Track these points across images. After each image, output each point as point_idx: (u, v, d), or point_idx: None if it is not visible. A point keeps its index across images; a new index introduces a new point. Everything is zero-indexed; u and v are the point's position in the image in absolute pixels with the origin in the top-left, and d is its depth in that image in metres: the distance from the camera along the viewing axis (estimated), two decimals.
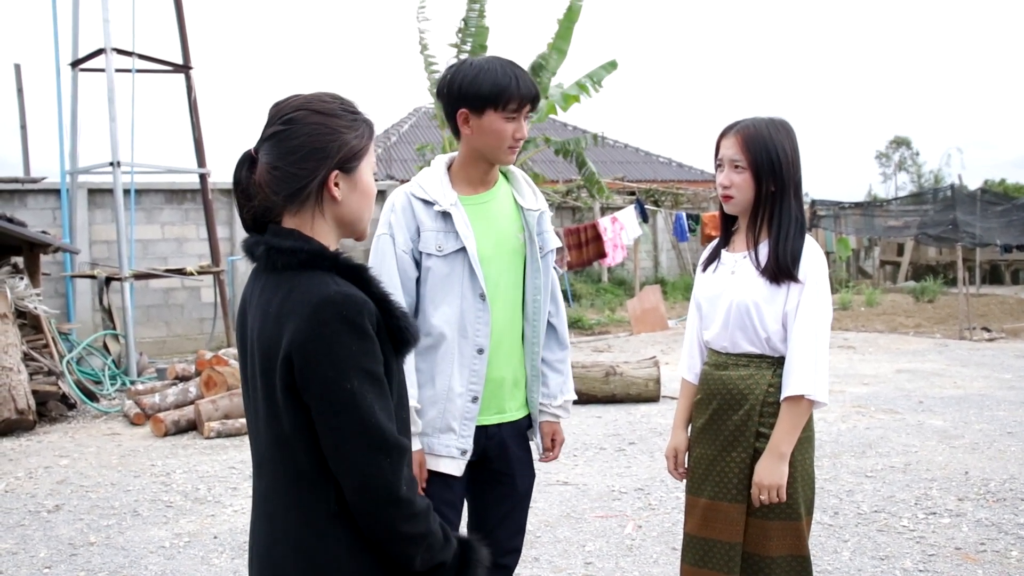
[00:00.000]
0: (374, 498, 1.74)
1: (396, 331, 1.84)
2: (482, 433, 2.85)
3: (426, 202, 2.79)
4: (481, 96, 2.70)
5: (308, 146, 1.84)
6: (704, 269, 2.98)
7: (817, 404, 2.70)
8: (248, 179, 1.89)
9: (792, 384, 2.68)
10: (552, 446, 3.07)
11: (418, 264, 2.79)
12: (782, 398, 2.71)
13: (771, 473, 2.68)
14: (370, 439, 1.72)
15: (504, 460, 2.92)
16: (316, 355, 1.72)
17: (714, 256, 2.96)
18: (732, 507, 2.78)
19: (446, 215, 2.77)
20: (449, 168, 2.89)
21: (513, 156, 2.82)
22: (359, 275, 1.84)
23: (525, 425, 2.99)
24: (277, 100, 1.93)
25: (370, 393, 1.73)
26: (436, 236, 2.76)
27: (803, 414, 2.69)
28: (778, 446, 2.68)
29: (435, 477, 2.78)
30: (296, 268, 1.81)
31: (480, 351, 2.79)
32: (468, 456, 2.81)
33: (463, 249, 2.76)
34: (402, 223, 2.78)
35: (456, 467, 2.80)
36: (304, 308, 1.74)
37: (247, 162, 1.90)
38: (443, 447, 2.78)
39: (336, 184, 1.87)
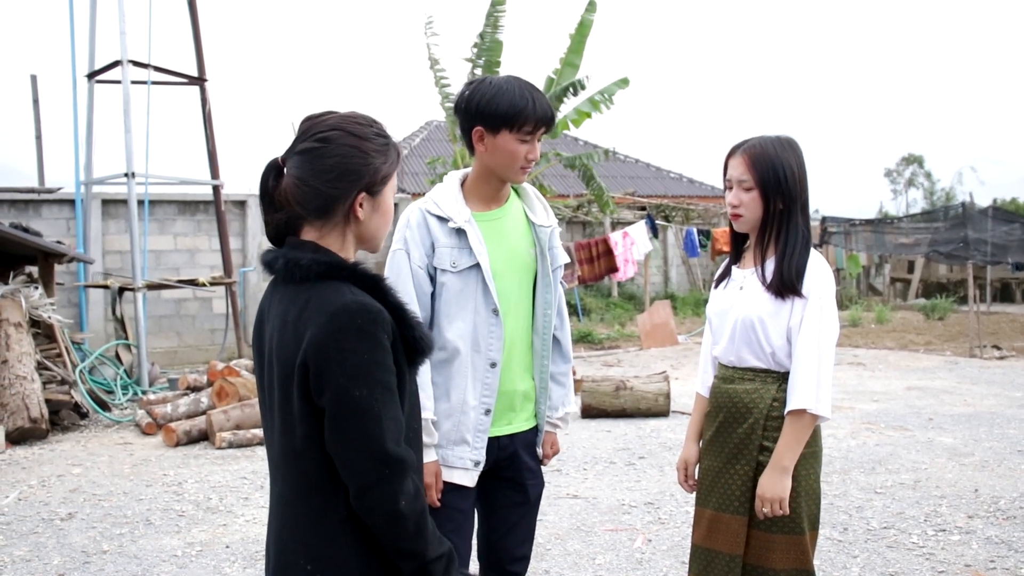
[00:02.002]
0: (370, 507, 1.78)
1: (411, 340, 1.89)
2: (494, 444, 2.89)
3: (441, 218, 2.83)
4: (497, 116, 2.75)
5: (341, 167, 1.88)
6: (716, 285, 3.03)
7: (820, 419, 2.73)
8: (275, 188, 1.93)
9: (794, 399, 2.71)
10: (550, 453, 3.12)
11: (432, 279, 2.83)
12: (785, 412, 2.74)
13: (773, 486, 2.71)
14: (371, 449, 1.76)
15: (515, 469, 2.97)
16: (328, 361, 1.77)
17: (726, 272, 3.00)
18: (734, 519, 2.81)
19: (460, 231, 2.81)
20: (463, 184, 2.94)
21: (524, 176, 2.88)
22: (376, 285, 1.89)
23: (534, 435, 3.04)
24: (311, 114, 1.98)
25: (378, 402, 1.77)
26: (451, 252, 2.81)
27: (805, 428, 2.71)
28: (780, 460, 2.71)
29: (450, 488, 2.83)
30: (314, 279, 1.85)
31: (493, 365, 2.84)
32: (481, 467, 2.86)
33: (477, 265, 2.81)
34: (417, 239, 2.82)
35: (469, 478, 2.85)
36: (320, 316, 1.79)
37: (274, 171, 1.94)
38: (457, 459, 2.83)
39: (361, 205, 1.92)
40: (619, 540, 5.25)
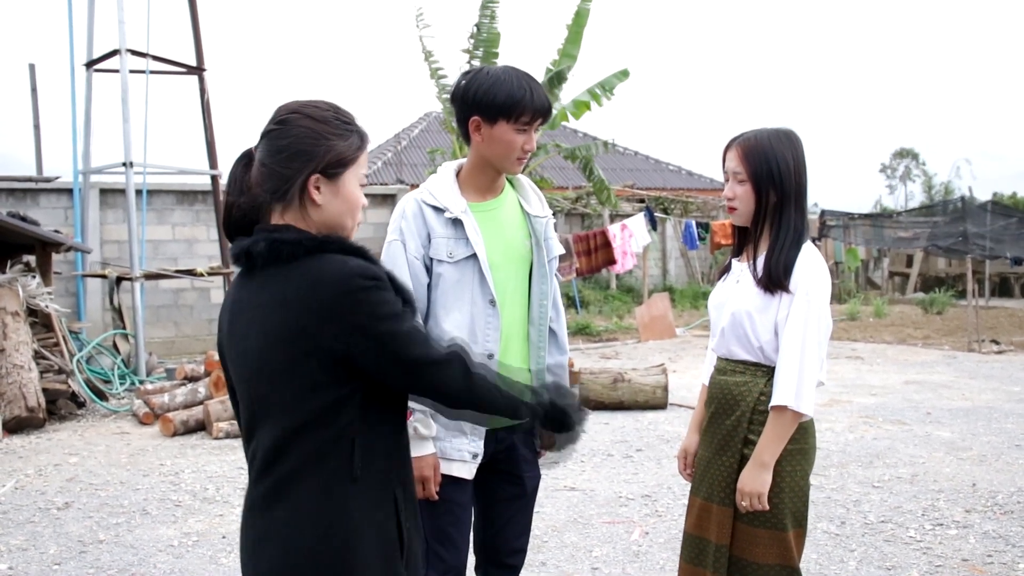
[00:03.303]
0: (461, 401, 1.97)
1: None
2: (491, 437, 2.88)
3: (437, 209, 2.82)
4: (495, 106, 2.74)
5: (294, 147, 1.92)
6: (719, 278, 3.03)
7: (803, 416, 2.72)
8: (244, 175, 1.98)
9: (776, 394, 2.70)
10: (546, 446, 3.10)
11: (429, 270, 2.82)
12: (769, 407, 2.73)
13: (752, 480, 2.71)
14: (433, 364, 1.90)
15: (513, 461, 2.96)
16: (359, 316, 1.84)
17: (728, 265, 3.00)
18: (721, 510, 2.82)
19: (457, 222, 2.80)
20: (458, 175, 2.93)
21: (520, 166, 2.87)
22: (363, 256, 1.93)
23: (530, 427, 3.02)
24: (282, 103, 2.01)
25: (407, 323, 1.88)
26: (447, 242, 2.80)
27: (787, 425, 2.70)
28: (760, 455, 2.71)
29: (448, 481, 2.82)
30: (303, 256, 1.88)
31: (490, 356, 2.82)
32: (479, 459, 2.85)
33: (474, 255, 2.80)
34: (413, 229, 2.81)
35: (468, 470, 2.84)
36: (331, 283, 1.84)
37: (245, 159, 2.00)
38: (455, 451, 2.82)
39: (317, 188, 1.93)
40: (616, 532, 5.24)
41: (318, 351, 1.84)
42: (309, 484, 1.89)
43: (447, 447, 2.81)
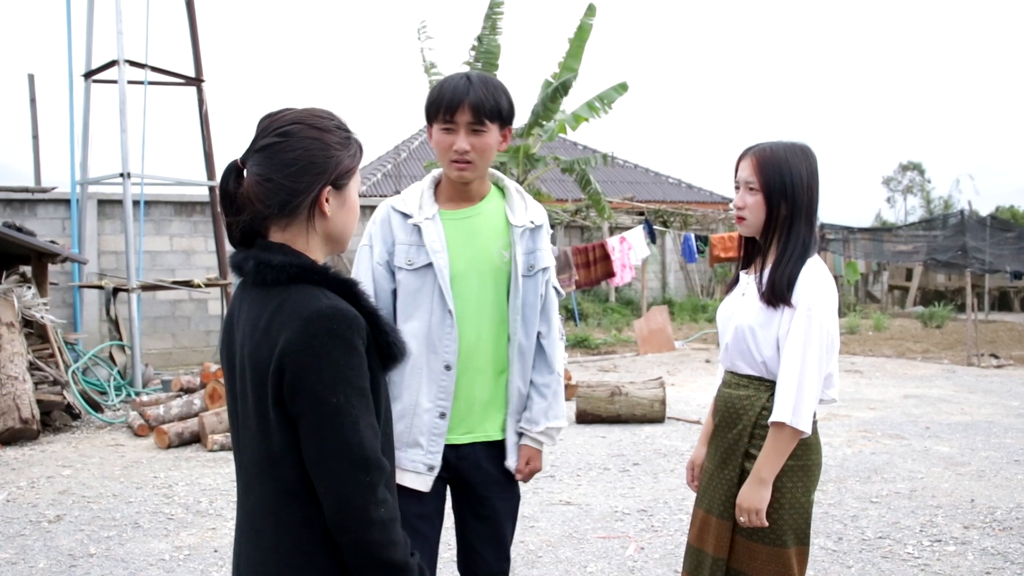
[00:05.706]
0: (350, 517, 1.73)
1: (385, 346, 1.86)
2: (452, 451, 2.81)
3: (404, 215, 2.80)
4: (426, 109, 2.76)
5: (304, 160, 1.85)
6: (727, 291, 3.01)
7: (803, 433, 2.68)
8: (236, 189, 1.88)
9: (774, 411, 2.67)
10: (524, 469, 2.94)
11: (395, 276, 2.79)
12: (769, 423, 2.70)
13: (750, 496, 2.68)
14: (351, 456, 1.72)
15: (480, 482, 2.87)
16: (304, 368, 1.72)
17: (736, 278, 2.98)
18: (720, 523, 2.80)
19: (418, 228, 2.77)
20: (439, 183, 2.90)
21: (457, 171, 2.77)
22: (349, 290, 1.85)
23: (502, 447, 2.91)
24: (268, 112, 1.94)
25: (355, 408, 1.73)
26: (408, 250, 2.77)
27: (786, 441, 2.67)
28: (759, 471, 2.68)
29: (404, 493, 2.70)
30: (285, 282, 1.81)
31: (448, 367, 2.76)
32: (435, 472, 2.78)
33: (431, 264, 2.75)
34: (379, 235, 2.80)
35: (422, 482, 2.77)
36: (295, 321, 1.75)
37: (233, 172, 1.90)
38: (409, 461, 2.76)
39: (327, 200, 1.88)
40: (611, 547, 5.20)
41: (274, 389, 1.75)
42: (278, 524, 1.81)
43: (401, 457, 2.74)
